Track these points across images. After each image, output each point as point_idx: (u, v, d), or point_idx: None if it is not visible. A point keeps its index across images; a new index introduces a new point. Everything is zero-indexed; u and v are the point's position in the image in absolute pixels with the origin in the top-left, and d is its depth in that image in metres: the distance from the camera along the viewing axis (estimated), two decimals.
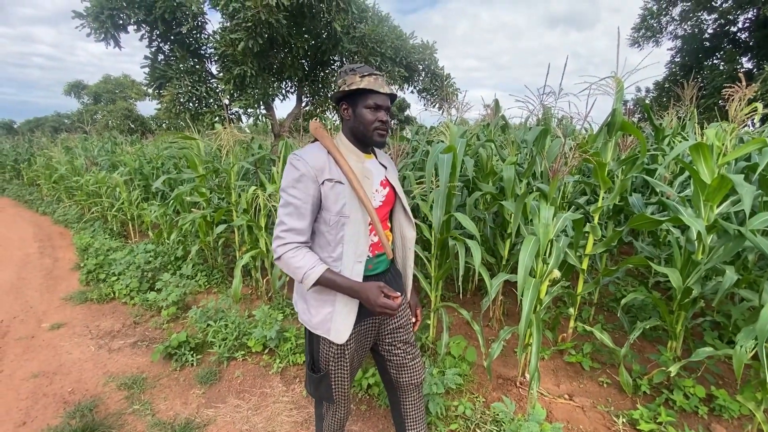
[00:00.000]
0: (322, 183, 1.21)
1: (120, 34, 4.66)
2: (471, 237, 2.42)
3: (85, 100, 25.05)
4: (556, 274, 2.20)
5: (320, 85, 7.00)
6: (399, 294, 1.20)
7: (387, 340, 1.46)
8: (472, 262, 2.17)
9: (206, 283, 3.94)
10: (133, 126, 20.13)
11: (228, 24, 4.91)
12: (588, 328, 2.51)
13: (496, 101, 3.58)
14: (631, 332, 2.92)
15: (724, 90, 2.42)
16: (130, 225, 5.79)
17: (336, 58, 6.69)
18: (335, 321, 1.27)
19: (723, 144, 2.06)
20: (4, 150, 15.18)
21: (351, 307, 1.27)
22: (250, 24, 4.50)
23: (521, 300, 1.93)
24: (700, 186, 2.14)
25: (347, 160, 1.26)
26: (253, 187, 3.18)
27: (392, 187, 1.40)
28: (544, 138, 2.47)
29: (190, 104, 5.21)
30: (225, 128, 3.49)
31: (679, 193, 2.70)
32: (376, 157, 1.41)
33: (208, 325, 2.87)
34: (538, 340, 1.98)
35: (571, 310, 2.70)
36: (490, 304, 2.97)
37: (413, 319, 1.57)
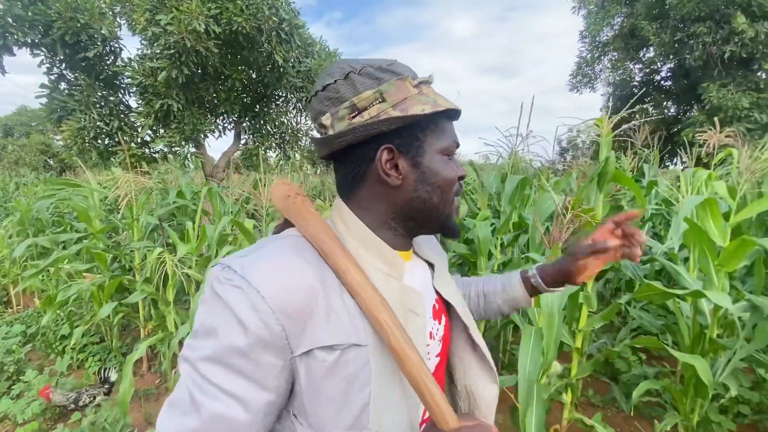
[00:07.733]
0: (306, 354, 0.50)
1: (3, 56, 3.80)
2: None
3: None
4: (557, 368, 1.70)
5: (263, 121, 6.40)
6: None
7: None
8: None
9: (98, 374, 2.98)
10: (51, 162, 17.93)
11: (148, 51, 4.24)
12: (588, 421, 2.01)
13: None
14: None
15: (696, 135, 2.22)
16: (12, 289, 4.61)
17: (281, 93, 6.19)
18: None
19: (735, 199, 1.73)
20: None
21: None
22: (173, 51, 3.86)
23: (523, 421, 1.38)
24: (709, 248, 1.79)
25: (368, 274, 0.55)
26: (159, 249, 2.43)
27: (447, 308, 0.70)
28: (523, 189, 2.04)
29: (98, 141, 4.35)
30: (127, 171, 2.76)
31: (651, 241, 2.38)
32: (416, 253, 0.69)
33: None
34: None
35: (565, 397, 2.20)
36: None
37: None
